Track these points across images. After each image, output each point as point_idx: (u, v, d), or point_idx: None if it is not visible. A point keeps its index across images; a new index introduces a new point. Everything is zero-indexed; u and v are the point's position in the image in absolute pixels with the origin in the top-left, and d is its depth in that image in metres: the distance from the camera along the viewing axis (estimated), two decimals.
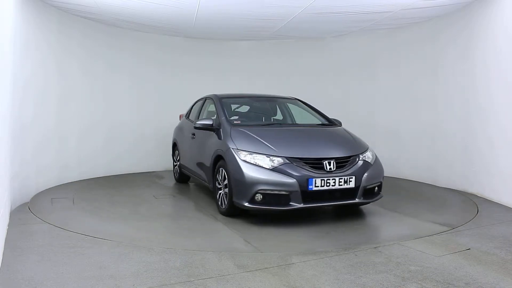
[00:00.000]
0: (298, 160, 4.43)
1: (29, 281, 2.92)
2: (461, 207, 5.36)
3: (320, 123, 5.75)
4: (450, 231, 4.19)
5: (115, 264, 3.26)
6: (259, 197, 4.36)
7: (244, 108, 6.32)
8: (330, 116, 6.04)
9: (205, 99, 6.42)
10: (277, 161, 4.40)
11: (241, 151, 4.57)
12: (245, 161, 4.47)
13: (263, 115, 6.27)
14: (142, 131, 8.13)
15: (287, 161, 4.40)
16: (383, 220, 4.80)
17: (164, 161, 8.25)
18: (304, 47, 8.71)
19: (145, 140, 8.17)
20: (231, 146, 4.68)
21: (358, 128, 8.18)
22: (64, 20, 6.66)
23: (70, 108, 6.85)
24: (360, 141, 5.15)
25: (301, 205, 4.32)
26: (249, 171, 4.40)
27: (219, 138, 5.05)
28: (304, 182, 4.29)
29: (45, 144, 6.19)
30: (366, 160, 4.77)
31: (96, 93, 7.43)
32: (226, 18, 6.88)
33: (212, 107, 6.06)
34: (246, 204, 4.40)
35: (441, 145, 6.86)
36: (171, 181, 7.17)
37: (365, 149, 4.94)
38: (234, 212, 4.71)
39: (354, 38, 8.14)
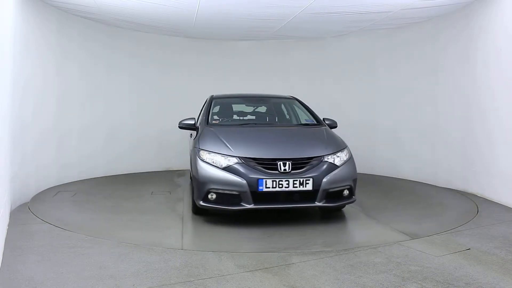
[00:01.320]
0: (251, 160, 4.38)
1: (29, 281, 2.92)
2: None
3: (304, 123, 5.62)
4: (450, 231, 4.19)
5: (115, 264, 3.26)
6: (212, 196, 4.38)
7: (240, 108, 6.32)
8: (328, 116, 6.03)
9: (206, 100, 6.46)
10: (231, 161, 4.39)
11: (202, 151, 4.61)
12: (203, 160, 4.51)
13: (256, 115, 6.23)
14: (142, 131, 8.13)
15: (240, 161, 4.37)
16: (356, 223, 4.66)
17: (164, 161, 8.25)
18: (304, 47, 8.72)
19: (145, 140, 8.17)
20: (196, 145, 4.76)
21: (358, 128, 8.22)
22: (64, 20, 6.66)
23: (70, 108, 6.85)
24: (335, 142, 4.85)
25: (252, 206, 4.27)
26: (203, 170, 4.43)
27: (195, 137, 5.17)
28: (254, 183, 4.24)
29: (45, 144, 6.19)
30: (331, 162, 4.52)
31: (96, 93, 7.43)
32: (226, 18, 6.88)
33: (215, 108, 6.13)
34: (201, 202, 4.44)
35: (441, 145, 6.86)
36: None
37: (335, 151, 4.64)
38: (199, 210, 4.72)
39: (354, 38, 8.14)
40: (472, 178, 6.18)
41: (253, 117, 6.15)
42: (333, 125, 5.60)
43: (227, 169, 4.35)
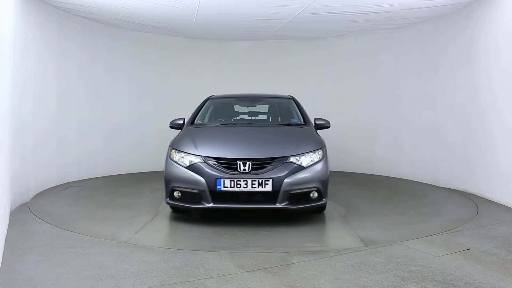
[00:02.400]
0: (212, 159, 4.42)
1: (29, 281, 2.92)
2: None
3: (289, 123, 5.55)
4: (450, 231, 4.19)
5: (115, 264, 3.26)
6: (177, 194, 4.49)
7: (235, 108, 6.32)
8: (328, 116, 6.01)
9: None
10: (194, 160, 4.46)
11: (173, 150, 4.71)
12: (171, 159, 4.63)
13: (247, 115, 6.20)
14: (142, 131, 8.14)
15: (202, 161, 4.42)
16: (321, 225, 4.52)
17: (164, 161, 8.23)
18: (304, 47, 8.72)
19: (145, 140, 8.17)
20: (170, 144, 4.86)
21: (358, 128, 8.23)
22: (63, 20, 6.66)
23: (69, 107, 6.85)
24: (309, 142, 4.72)
25: (211, 205, 4.30)
26: (168, 169, 4.58)
27: None
28: (212, 182, 4.28)
29: (45, 143, 6.20)
30: (296, 162, 4.41)
31: (96, 92, 7.44)
32: (226, 18, 6.88)
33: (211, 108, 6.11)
34: (167, 200, 4.58)
35: (441, 145, 6.86)
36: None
37: (305, 152, 4.52)
38: (177, 208, 4.83)
39: (354, 38, 8.14)
40: (472, 178, 6.18)
41: (243, 117, 6.11)
42: (325, 125, 5.49)
43: (190, 168, 4.43)
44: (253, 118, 6.09)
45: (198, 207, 4.39)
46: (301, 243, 3.87)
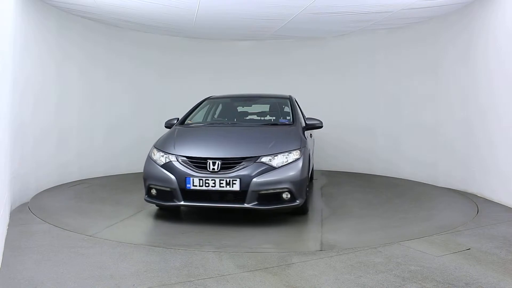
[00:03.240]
0: (185, 158, 4.49)
1: (29, 281, 2.92)
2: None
3: (274, 122, 5.55)
4: (450, 231, 4.19)
5: (115, 264, 3.26)
6: (154, 192, 4.61)
7: (230, 108, 6.34)
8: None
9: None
10: (169, 159, 4.56)
11: (155, 149, 4.82)
12: (151, 157, 4.75)
13: (241, 115, 6.21)
14: (142, 131, 8.13)
15: (176, 159, 4.51)
16: (290, 227, 4.42)
17: None
18: (304, 47, 8.72)
19: (145, 140, 8.14)
20: (154, 143, 4.97)
21: (358, 128, 8.23)
22: (63, 20, 6.66)
23: (69, 107, 6.85)
24: (286, 143, 4.64)
25: (182, 203, 4.39)
26: (146, 167, 4.72)
27: None
28: (182, 181, 4.36)
29: (45, 143, 6.20)
30: (267, 163, 4.37)
31: (96, 92, 7.44)
32: (226, 18, 6.88)
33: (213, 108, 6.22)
34: (145, 197, 4.72)
35: (441, 145, 6.86)
36: None
37: (278, 152, 4.47)
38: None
39: (355, 38, 8.14)
40: (472, 178, 6.18)
41: (233, 117, 6.09)
42: (317, 125, 5.43)
43: (164, 166, 4.53)
44: (243, 118, 6.06)
45: (170, 205, 4.50)
46: (256, 244, 3.80)
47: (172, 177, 4.40)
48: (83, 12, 6.66)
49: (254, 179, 4.26)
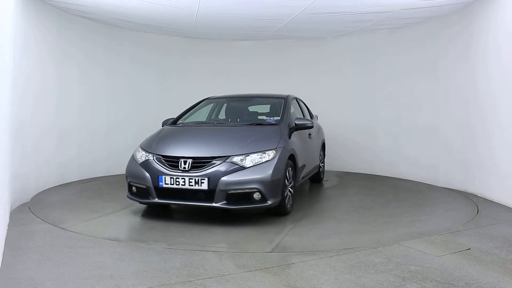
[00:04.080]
0: (160, 157, 4.59)
1: (29, 281, 2.92)
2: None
3: (259, 122, 5.50)
4: (450, 231, 4.19)
5: (115, 264, 3.26)
6: (134, 189, 4.72)
7: (224, 108, 6.36)
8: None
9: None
10: (147, 157, 4.67)
11: (139, 147, 4.97)
12: (133, 156, 4.90)
13: (232, 116, 6.18)
14: (142, 131, 8.11)
15: (153, 158, 4.62)
16: (255, 227, 4.35)
17: None
18: (304, 47, 8.72)
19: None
20: (141, 143, 5.13)
21: (357, 128, 8.23)
22: (63, 20, 6.66)
23: (69, 107, 6.85)
24: (261, 143, 4.62)
25: (156, 200, 4.50)
26: (128, 165, 4.85)
27: None
28: (155, 179, 4.46)
29: (44, 143, 6.20)
30: (237, 162, 4.36)
31: (95, 92, 7.43)
32: (226, 18, 6.88)
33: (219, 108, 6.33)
34: (127, 194, 4.84)
35: (441, 145, 6.86)
36: None
37: (251, 152, 4.46)
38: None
39: (355, 38, 8.14)
40: (472, 178, 6.18)
41: (224, 117, 6.13)
42: (306, 125, 5.34)
43: (142, 164, 4.65)
44: (235, 118, 6.01)
45: (146, 202, 4.64)
46: (209, 243, 3.83)
47: (147, 175, 4.51)
48: (83, 12, 6.67)
49: (222, 178, 4.27)
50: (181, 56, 8.58)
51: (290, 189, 4.90)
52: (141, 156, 4.75)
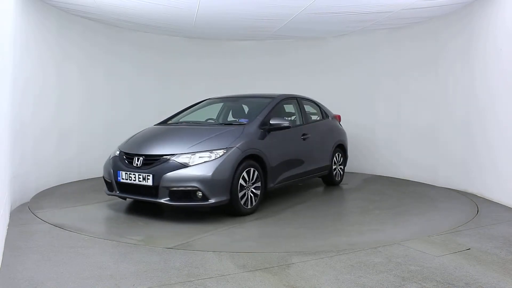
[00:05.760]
0: (123, 154, 4.91)
1: (29, 281, 2.92)
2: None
3: (229, 122, 5.60)
4: (450, 231, 4.19)
5: (115, 264, 3.26)
6: (105, 182, 5.10)
7: (219, 108, 6.40)
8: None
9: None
10: (115, 153, 5.05)
11: (119, 145, 5.27)
12: (114, 152, 5.17)
13: (224, 115, 6.26)
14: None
15: (117, 154, 5.00)
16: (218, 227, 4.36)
17: None
18: (304, 47, 8.72)
19: None
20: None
21: (357, 127, 8.22)
22: (63, 20, 6.66)
23: (69, 107, 6.85)
24: (212, 142, 4.68)
25: (117, 194, 4.86)
26: (105, 161, 5.20)
27: None
28: (116, 174, 4.81)
29: (44, 144, 6.20)
30: (180, 161, 4.48)
31: (95, 92, 7.43)
32: (226, 18, 6.88)
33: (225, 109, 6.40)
34: (104, 188, 5.17)
35: (441, 145, 6.86)
36: None
37: (198, 151, 4.55)
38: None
39: (355, 38, 8.14)
40: (471, 178, 6.18)
41: (219, 117, 6.19)
42: (282, 125, 5.26)
43: (111, 160, 5.02)
44: (218, 118, 6.08)
45: (112, 194, 4.97)
46: (127, 234, 4.09)
47: (111, 170, 4.88)
48: (83, 12, 6.67)
49: (164, 175, 4.44)
50: (181, 56, 8.58)
51: (254, 190, 4.89)
52: (113, 152, 5.14)
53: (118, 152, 5.04)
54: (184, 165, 4.47)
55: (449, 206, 5.43)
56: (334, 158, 6.76)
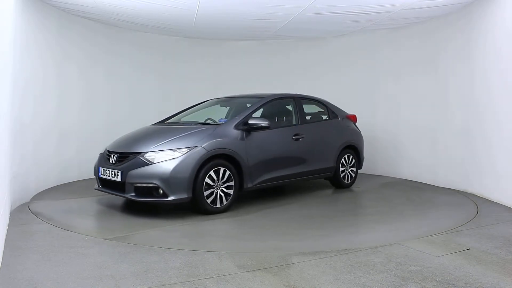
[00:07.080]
0: (107, 151, 5.17)
1: (29, 281, 2.92)
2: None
3: (206, 122, 5.66)
4: (450, 231, 4.19)
5: (115, 264, 3.26)
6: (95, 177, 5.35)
7: (216, 109, 6.38)
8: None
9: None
10: (103, 150, 5.32)
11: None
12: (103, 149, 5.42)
13: (216, 115, 6.20)
14: None
15: (103, 152, 5.28)
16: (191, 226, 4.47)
17: None
18: (304, 47, 8.71)
19: None
20: None
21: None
22: (63, 20, 6.66)
23: (69, 107, 6.85)
24: (181, 141, 4.77)
25: (100, 188, 5.16)
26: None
27: None
28: (97, 170, 5.16)
29: (45, 143, 6.19)
30: (146, 158, 4.64)
31: (96, 92, 7.43)
32: (226, 18, 6.88)
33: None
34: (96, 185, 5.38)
35: (441, 145, 6.86)
36: None
37: (164, 149, 4.67)
38: None
39: (355, 38, 8.14)
40: (472, 178, 6.18)
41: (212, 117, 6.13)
42: (260, 125, 5.22)
43: (99, 157, 5.33)
44: (207, 118, 6.02)
45: (96, 189, 5.25)
46: (85, 226, 4.41)
47: (96, 166, 5.23)
48: (83, 12, 6.67)
49: (130, 172, 4.65)
50: (181, 56, 8.58)
51: (225, 189, 4.89)
52: (102, 150, 5.39)
53: (104, 150, 5.33)
54: (148, 163, 4.64)
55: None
56: (343, 160, 6.53)
